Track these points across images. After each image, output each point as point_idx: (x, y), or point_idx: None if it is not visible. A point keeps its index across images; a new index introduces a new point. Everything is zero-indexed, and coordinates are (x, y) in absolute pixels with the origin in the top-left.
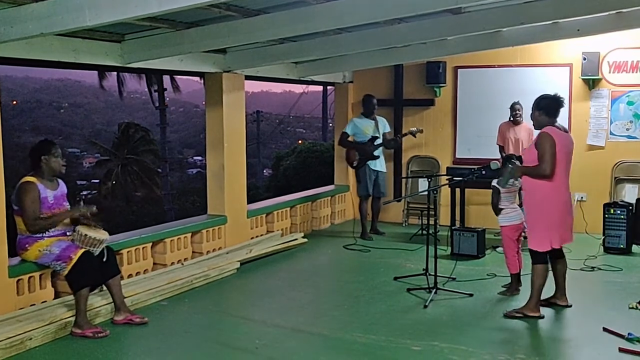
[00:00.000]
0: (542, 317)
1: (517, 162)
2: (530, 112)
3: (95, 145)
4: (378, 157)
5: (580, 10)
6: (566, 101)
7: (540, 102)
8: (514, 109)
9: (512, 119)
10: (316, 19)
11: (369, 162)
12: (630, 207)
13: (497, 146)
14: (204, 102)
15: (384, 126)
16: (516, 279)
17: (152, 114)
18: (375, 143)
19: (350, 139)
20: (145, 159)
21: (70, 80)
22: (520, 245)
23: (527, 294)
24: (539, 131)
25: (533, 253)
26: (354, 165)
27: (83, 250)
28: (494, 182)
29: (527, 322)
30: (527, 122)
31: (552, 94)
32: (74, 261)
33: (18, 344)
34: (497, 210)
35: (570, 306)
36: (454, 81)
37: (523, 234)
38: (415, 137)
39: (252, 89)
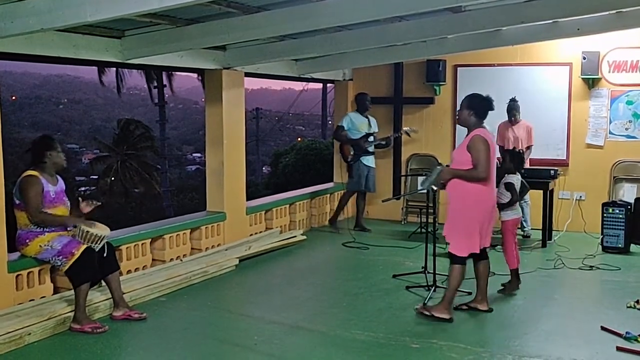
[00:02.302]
0: (452, 321)
1: (444, 166)
2: (459, 109)
3: (95, 141)
4: (373, 153)
5: (580, 9)
6: (566, 100)
7: (471, 102)
8: (511, 108)
9: (512, 118)
10: (316, 16)
11: (362, 158)
12: (629, 207)
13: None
14: (203, 99)
15: (374, 126)
16: (515, 274)
17: (151, 110)
18: (369, 140)
19: (343, 133)
20: (144, 155)
21: (69, 76)
22: (516, 240)
23: (526, 291)
24: (527, 128)
25: (452, 255)
26: (349, 160)
27: (85, 246)
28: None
29: (525, 321)
30: (524, 119)
31: (484, 95)
32: (75, 257)
33: (17, 339)
34: (504, 206)
35: (491, 310)
36: (454, 79)
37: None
38: (410, 136)
39: (251, 86)
